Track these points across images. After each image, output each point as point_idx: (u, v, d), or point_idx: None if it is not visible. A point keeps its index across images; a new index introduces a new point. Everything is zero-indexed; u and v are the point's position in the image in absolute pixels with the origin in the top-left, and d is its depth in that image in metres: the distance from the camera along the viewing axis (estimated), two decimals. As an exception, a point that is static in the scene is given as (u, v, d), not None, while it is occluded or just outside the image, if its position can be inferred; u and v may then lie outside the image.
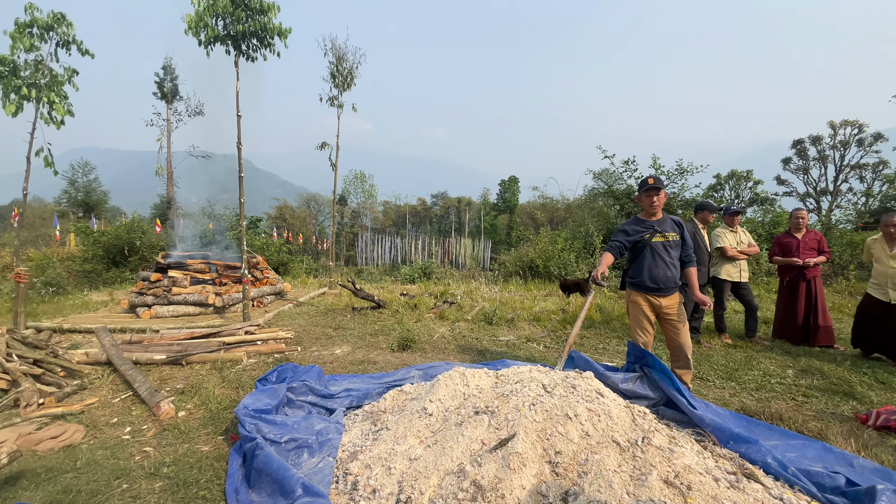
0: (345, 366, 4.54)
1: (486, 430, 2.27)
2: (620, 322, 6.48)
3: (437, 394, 2.70)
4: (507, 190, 56.52)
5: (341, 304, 8.07)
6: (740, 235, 5.69)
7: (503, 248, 30.60)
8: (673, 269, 3.59)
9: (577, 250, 12.57)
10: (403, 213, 57.06)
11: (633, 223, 3.71)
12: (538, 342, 5.54)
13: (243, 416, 2.77)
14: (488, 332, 6.04)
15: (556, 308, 7.40)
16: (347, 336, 5.83)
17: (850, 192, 19.65)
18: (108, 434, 3.03)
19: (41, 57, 5.78)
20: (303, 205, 47.72)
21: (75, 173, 27.76)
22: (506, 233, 49.47)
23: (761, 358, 4.86)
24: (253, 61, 6.56)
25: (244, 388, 3.82)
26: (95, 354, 4.46)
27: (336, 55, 10.83)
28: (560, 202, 39.38)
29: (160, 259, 7.61)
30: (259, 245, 15.73)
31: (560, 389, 2.51)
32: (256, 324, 5.84)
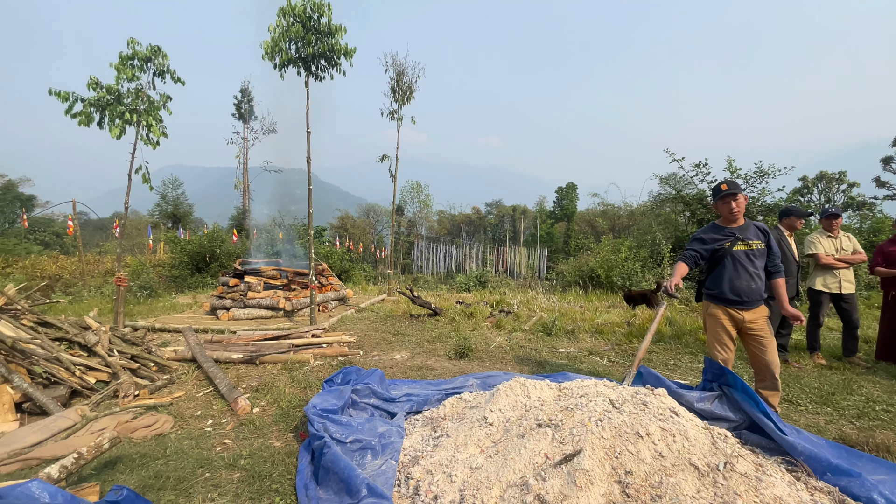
0: (404, 371, 4.63)
1: (550, 444, 2.20)
2: (693, 337, 6.03)
3: (498, 403, 2.66)
4: (565, 197, 55.12)
5: (399, 310, 8.25)
6: (842, 241, 5.06)
7: (560, 258, 29.84)
8: (758, 281, 3.28)
9: (642, 260, 11.93)
10: (458, 222, 57.53)
11: (710, 231, 3.46)
12: (601, 355, 5.30)
13: (312, 414, 2.91)
14: (547, 344, 5.88)
15: (621, 320, 7.04)
16: (406, 342, 5.94)
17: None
18: (193, 425, 3.30)
19: (141, 85, 6.52)
20: (362, 215, 49.70)
21: (166, 188, 31.01)
22: (563, 241, 48.16)
23: (862, 381, 4.30)
24: (321, 81, 6.98)
25: (311, 388, 4.00)
26: (182, 352, 4.91)
27: (396, 70, 11.23)
28: (622, 209, 37.69)
29: (237, 266, 8.25)
30: (324, 253, 16.57)
31: (629, 406, 2.38)
32: (322, 328, 6.12)
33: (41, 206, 38.57)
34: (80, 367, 4.04)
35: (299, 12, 6.22)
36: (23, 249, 21.20)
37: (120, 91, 6.31)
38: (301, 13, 6.22)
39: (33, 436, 3.05)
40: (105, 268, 15.61)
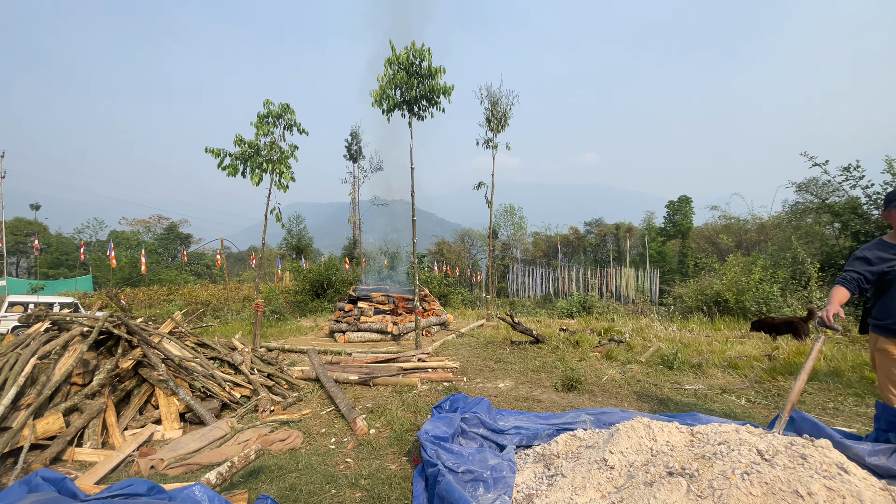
0: (509, 401, 4.54)
1: (685, 497, 1.96)
2: (858, 374, 4.97)
3: (619, 445, 2.46)
4: (677, 212, 50.49)
5: (499, 336, 8.18)
6: None
7: (676, 279, 27.10)
8: None
9: (781, 281, 10.27)
10: (554, 244, 55.84)
11: (877, 248, 2.87)
12: (738, 395, 4.62)
13: (425, 440, 2.99)
14: (669, 378, 5.32)
15: (759, 353, 6.09)
16: (509, 370, 5.84)
17: None
18: (319, 442, 3.61)
19: (274, 139, 7.62)
20: (457, 240, 50.99)
21: (291, 224, 35.38)
22: (678, 261, 43.81)
23: None
24: (422, 120, 7.47)
25: (420, 413, 4.13)
26: (308, 372, 5.44)
27: (491, 101, 11.55)
28: (750, 222, 33.20)
29: (351, 292, 8.99)
30: (424, 279, 17.28)
31: (783, 458, 2.03)
32: (427, 352, 6.33)
33: (196, 243, 46.69)
34: (229, 383, 4.71)
35: (403, 60, 6.79)
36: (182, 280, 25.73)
37: (258, 145, 7.44)
38: (405, 61, 6.78)
39: (194, 443, 3.60)
40: (244, 294, 18.18)
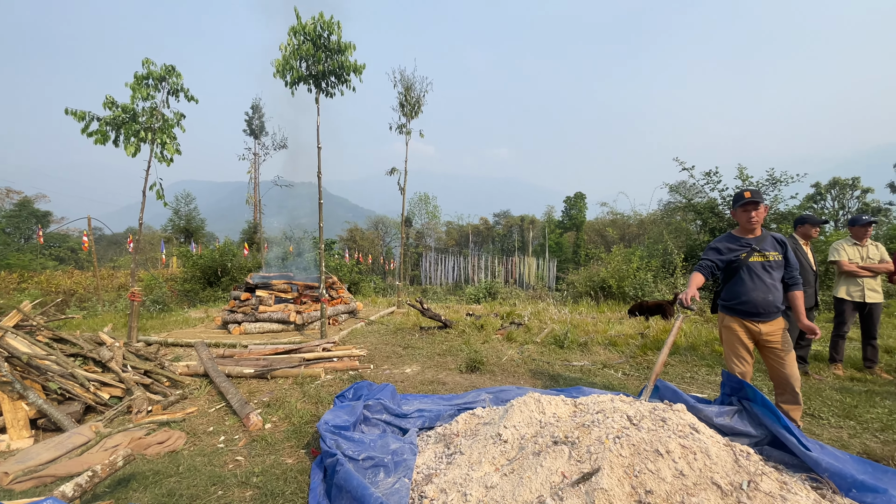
0: (415, 385, 4.59)
1: (567, 462, 2.15)
2: (710, 348, 5.92)
3: (512, 420, 2.62)
4: (573, 207, 54.98)
5: (409, 323, 8.23)
6: (868, 250, 4.93)
7: (570, 267, 29.63)
8: (774, 292, 3.21)
9: (654, 269, 11.79)
10: (466, 233, 57.60)
11: (726, 240, 3.40)
12: (616, 369, 5.22)
13: (324, 431, 2.89)
14: (560, 356, 5.81)
15: (634, 332, 6.94)
16: (416, 355, 5.91)
17: None
18: (205, 442, 3.30)
19: (155, 104, 6.66)
20: (371, 227, 49.99)
21: (178, 203, 31.53)
22: (572, 251, 47.87)
23: (885, 393, 4.17)
24: (331, 97, 7.10)
25: (323, 404, 3.99)
26: (195, 367, 4.93)
27: (405, 85, 11.39)
28: (632, 218, 37.46)
29: (249, 280, 8.32)
30: (333, 266, 16.65)
31: (648, 422, 2.33)
32: (332, 341, 6.12)
33: (56, 223, 39.42)
34: (94, 382, 4.07)
35: (310, 31, 6.35)
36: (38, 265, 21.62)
37: (135, 110, 6.45)
38: (311, 31, 6.35)
39: (48, 452, 3.07)
40: (119, 282, 15.84)
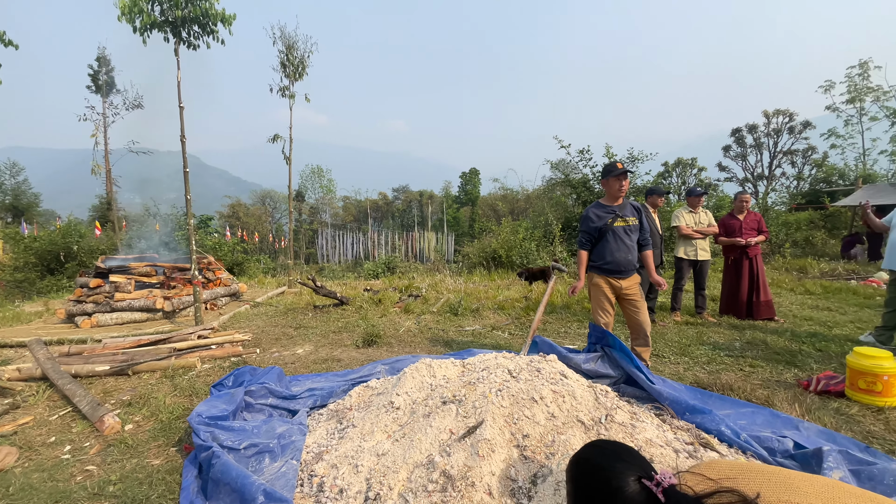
0: (307, 365, 4.40)
1: (455, 420, 2.25)
2: (580, 306, 6.66)
3: (404, 386, 2.65)
4: (469, 182, 56.83)
5: (302, 302, 7.82)
6: (700, 216, 5.90)
7: (466, 240, 30.81)
8: (633, 252, 3.71)
9: (537, 239, 12.82)
10: (364, 209, 56.24)
11: (596, 208, 3.79)
12: (503, 330, 5.60)
13: (197, 424, 2.61)
14: (454, 323, 6.05)
15: (520, 296, 7.51)
16: (309, 335, 5.65)
17: (783, 176, 21.18)
18: (44, 455, 2.76)
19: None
20: (257, 202, 45.91)
21: (2, 175, 25.27)
22: (468, 225, 49.82)
23: (711, 333, 5.14)
24: (195, 49, 6.17)
25: (198, 396, 3.61)
26: (29, 370, 4.08)
27: (286, 44, 10.40)
28: (520, 193, 40.07)
29: (100, 263, 7.06)
30: (211, 245, 14.99)
31: (525, 374, 2.53)
32: (210, 327, 5.54)
33: None
34: None
35: (161, -33, 5.37)
36: None
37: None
38: (163, -32, 5.38)
39: None
40: None
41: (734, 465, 1.16)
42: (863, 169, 18.21)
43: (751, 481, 1.03)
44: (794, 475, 1.07)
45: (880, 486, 2.03)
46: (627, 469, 1.05)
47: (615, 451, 1.14)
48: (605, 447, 1.19)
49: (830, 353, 4.31)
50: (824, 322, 5.55)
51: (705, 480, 1.06)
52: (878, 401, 3.19)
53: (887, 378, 3.19)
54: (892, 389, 3.20)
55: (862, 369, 3.26)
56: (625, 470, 1.05)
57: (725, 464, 1.18)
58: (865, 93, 18.52)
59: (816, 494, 0.96)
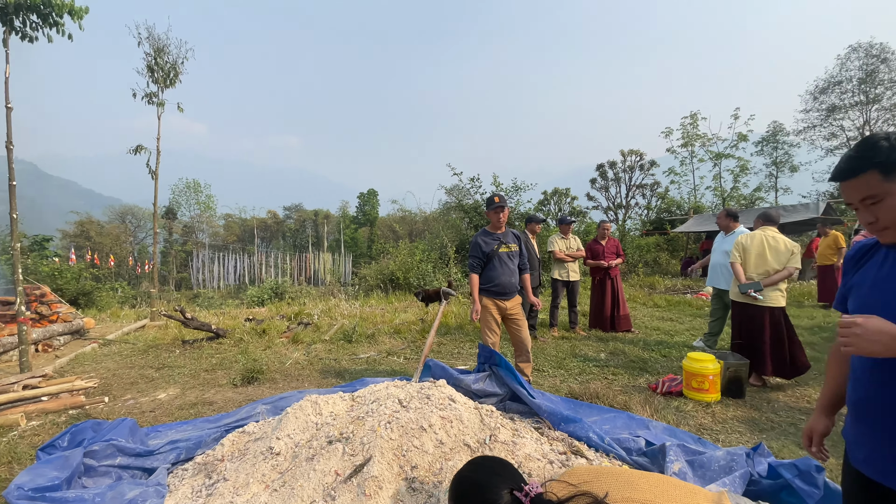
0: (171, 412, 3.84)
1: (341, 460, 2.15)
2: (473, 326, 6.95)
3: (286, 428, 2.46)
4: (367, 202, 56.28)
5: (167, 337, 6.84)
6: (570, 241, 6.62)
7: (365, 262, 30.27)
8: (516, 276, 4.04)
9: (434, 261, 13.12)
10: (251, 227, 51.96)
11: (483, 235, 4.07)
12: (399, 355, 5.56)
13: (17, 499, 2.10)
14: (348, 351, 5.83)
15: (416, 318, 7.56)
16: (176, 376, 4.95)
17: (636, 206, 24.98)
18: None
19: None
20: (115, 219, 39.55)
21: None
22: (367, 246, 49.05)
23: (582, 346, 5.75)
24: (31, 41, 5.21)
25: (21, 462, 2.90)
26: None
27: (154, 46, 9.31)
28: (418, 215, 40.79)
29: None
30: (48, 272, 12.41)
31: (416, 402, 2.54)
32: (41, 374, 4.54)
33: None
34: None
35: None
36: None
37: None
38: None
39: None
40: None
41: (590, 470, 1.35)
42: (694, 201, 22.37)
43: (602, 483, 1.22)
44: (635, 475, 1.29)
45: (709, 472, 2.42)
46: (501, 483, 1.16)
47: (491, 466, 1.26)
48: (482, 463, 1.29)
49: (672, 358, 5.11)
50: (668, 331, 6.59)
51: (568, 486, 1.22)
52: (707, 397, 3.87)
53: (712, 378, 3.88)
54: (715, 387, 3.91)
55: (693, 371, 3.93)
56: (499, 483, 1.16)
57: (584, 470, 1.36)
58: (695, 139, 22.90)
59: (650, 489, 1.17)
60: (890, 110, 22.02)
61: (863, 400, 1.23)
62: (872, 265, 1.26)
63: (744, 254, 4.38)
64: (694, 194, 23.06)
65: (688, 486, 1.23)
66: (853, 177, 1.16)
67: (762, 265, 4.30)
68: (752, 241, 4.38)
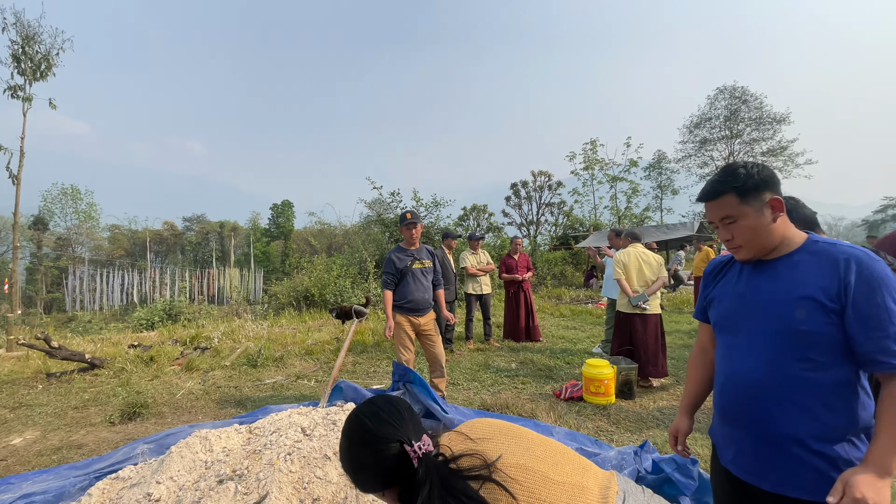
0: (28, 460, 3.24)
1: (233, 500, 1.96)
2: (390, 343, 6.86)
3: (169, 470, 2.19)
4: (281, 214, 53.33)
5: (27, 370, 5.78)
6: (481, 256, 6.88)
7: (278, 278, 28.53)
8: (429, 292, 4.08)
9: (352, 276, 12.78)
10: (143, 240, 46.45)
11: (397, 252, 4.06)
12: (310, 378, 5.28)
13: None
14: (251, 377, 5.40)
15: (331, 338, 7.27)
16: (36, 416, 4.19)
17: (546, 223, 26.80)
18: None
19: None
20: (-38, 230, 33.04)
21: None
22: (281, 260, 46.30)
23: (495, 357, 5.95)
24: None
25: None
26: None
27: (22, 34, 8.05)
28: (338, 228, 39.58)
29: None
30: None
31: (320, 429, 2.42)
32: None
33: None
34: None
35: None
36: None
37: None
38: None
39: None
40: None
41: (492, 426, 1.24)
42: (594, 219, 24.59)
43: (499, 443, 1.15)
44: (535, 441, 1.21)
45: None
46: (394, 433, 1.06)
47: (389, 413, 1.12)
48: (381, 409, 1.13)
49: (575, 364, 5.50)
50: (571, 339, 7.09)
51: (466, 440, 1.14)
52: (604, 400, 4.21)
53: (607, 382, 4.24)
54: (610, 390, 4.27)
55: (591, 377, 4.26)
56: (391, 434, 1.06)
57: (485, 424, 1.25)
58: (594, 163, 25.29)
59: (545, 458, 1.13)
60: (749, 143, 26.42)
61: (730, 405, 1.34)
62: (729, 280, 1.41)
63: (625, 269, 4.91)
64: (594, 213, 25.37)
65: (581, 462, 1.20)
66: (714, 199, 1.29)
67: (642, 278, 4.86)
68: (629, 257, 4.95)
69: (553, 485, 1.05)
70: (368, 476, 1.07)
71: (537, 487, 1.04)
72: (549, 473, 1.07)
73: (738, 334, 1.33)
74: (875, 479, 1.04)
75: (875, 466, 1.06)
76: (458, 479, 1.01)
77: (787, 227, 1.28)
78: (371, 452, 1.05)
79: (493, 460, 1.06)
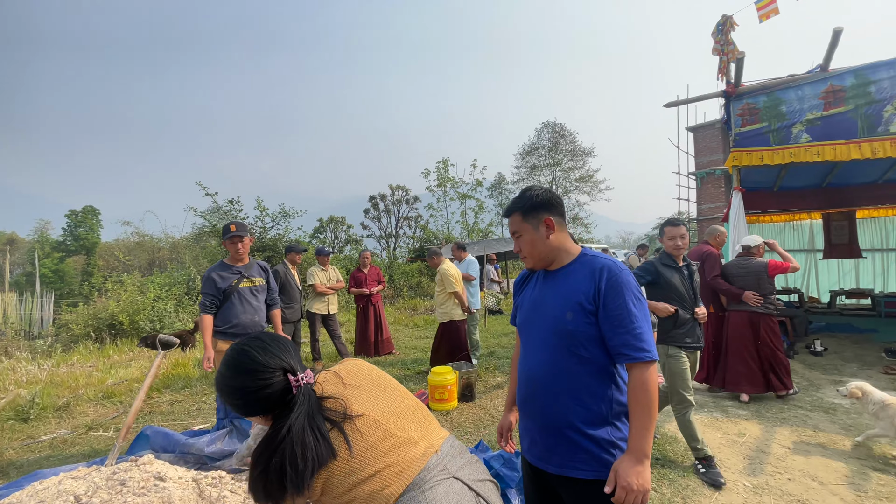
0: None
1: None
2: (223, 372, 6.04)
3: None
4: (81, 224, 43.02)
5: None
6: (330, 273, 6.51)
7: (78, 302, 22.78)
8: (260, 313, 3.67)
9: (177, 297, 10.94)
10: None
11: (220, 269, 3.56)
12: (107, 427, 4.27)
13: None
14: (20, 435, 4.13)
15: (141, 374, 6.04)
16: None
17: (404, 236, 27.42)
18: None
19: None
20: None
21: None
22: (81, 281, 37.23)
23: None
24: None
25: None
26: None
27: None
28: (163, 241, 33.66)
29: None
30: None
31: (103, 493, 1.95)
32: None
33: None
34: None
35: None
36: None
37: None
38: None
39: None
40: None
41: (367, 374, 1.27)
42: (447, 233, 26.12)
43: (366, 393, 1.19)
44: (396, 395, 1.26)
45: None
46: (279, 363, 1.11)
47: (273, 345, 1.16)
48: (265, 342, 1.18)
49: (424, 373, 5.64)
50: (423, 349, 7.29)
51: (339, 384, 1.18)
52: (447, 406, 4.39)
53: (450, 388, 4.45)
54: (453, 395, 4.49)
55: (436, 384, 4.41)
56: (275, 364, 1.11)
57: (361, 369, 1.28)
58: (446, 181, 26.92)
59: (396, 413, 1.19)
60: (566, 171, 31.38)
61: (523, 399, 1.52)
62: (530, 287, 1.60)
63: (457, 281, 5.40)
64: (447, 227, 26.98)
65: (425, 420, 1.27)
66: (507, 216, 1.53)
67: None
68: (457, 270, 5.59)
69: (391, 438, 1.13)
70: (250, 401, 1.10)
71: (377, 440, 1.11)
72: (391, 428, 1.15)
73: (531, 335, 1.52)
74: (635, 465, 1.25)
75: (634, 452, 1.27)
76: (319, 416, 1.08)
77: (563, 241, 1.51)
78: (257, 380, 1.08)
79: (351, 411, 1.11)
